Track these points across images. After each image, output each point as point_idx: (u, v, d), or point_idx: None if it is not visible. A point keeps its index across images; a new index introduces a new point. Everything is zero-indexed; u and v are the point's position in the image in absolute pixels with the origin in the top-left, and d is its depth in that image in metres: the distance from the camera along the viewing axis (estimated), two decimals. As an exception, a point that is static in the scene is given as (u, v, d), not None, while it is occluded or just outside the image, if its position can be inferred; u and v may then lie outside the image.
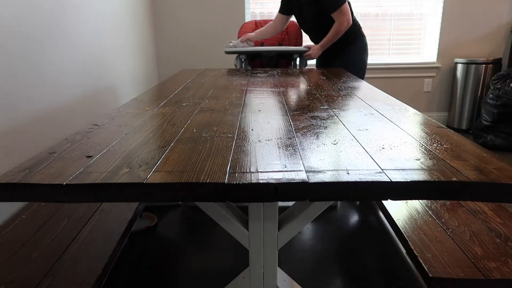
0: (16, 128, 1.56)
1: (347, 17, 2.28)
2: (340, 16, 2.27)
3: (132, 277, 1.58)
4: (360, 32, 2.44)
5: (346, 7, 2.27)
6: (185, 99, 1.45)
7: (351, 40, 2.40)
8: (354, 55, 2.43)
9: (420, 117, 1.13)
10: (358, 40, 2.42)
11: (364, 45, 2.45)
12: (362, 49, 2.45)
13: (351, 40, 2.40)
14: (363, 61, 2.47)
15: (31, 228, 1.25)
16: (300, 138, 0.93)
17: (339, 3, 2.25)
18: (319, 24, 2.37)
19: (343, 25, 2.29)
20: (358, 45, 2.43)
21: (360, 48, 2.44)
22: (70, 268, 1.04)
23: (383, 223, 1.98)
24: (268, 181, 0.67)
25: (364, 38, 2.45)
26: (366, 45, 2.46)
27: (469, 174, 0.70)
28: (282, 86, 1.74)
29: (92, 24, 2.30)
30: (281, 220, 1.07)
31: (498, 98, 3.02)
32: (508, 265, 1.04)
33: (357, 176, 0.69)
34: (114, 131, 1.01)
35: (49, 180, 0.69)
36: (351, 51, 2.42)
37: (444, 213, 1.34)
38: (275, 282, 1.08)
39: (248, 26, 2.89)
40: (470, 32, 3.52)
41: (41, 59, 1.75)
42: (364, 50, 2.45)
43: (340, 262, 1.65)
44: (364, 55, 2.46)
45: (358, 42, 2.42)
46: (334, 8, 2.26)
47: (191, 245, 1.80)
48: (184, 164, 0.75)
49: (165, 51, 3.56)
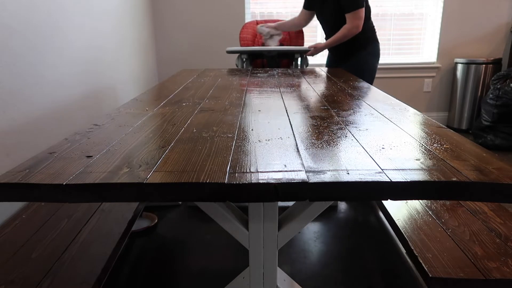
0: (16, 128, 1.56)
1: (359, 22, 2.23)
2: (353, 19, 2.23)
3: (132, 277, 1.58)
4: (374, 38, 2.39)
5: (361, 12, 2.22)
6: (185, 99, 1.45)
7: (363, 44, 2.36)
8: (363, 60, 2.39)
9: (420, 117, 1.13)
10: (369, 46, 2.37)
11: (375, 51, 2.41)
12: (373, 55, 2.40)
13: (363, 45, 2.36)
14: (372, 67, 2.42)
15: (31, 228, 1.25)
16: (300, 138, 0.93)
17: (356, 6, 2.20)
18: (337, 23, 2.33)
19: (352, 30, 2.25)
20: (369, 50, 2.38)
21: (370, 54, 2.39)
22: (70, 268, 1.04)
23: (383, 223, 1.98)
24: (268, 181, 0.67)
25: (376, 44, 2.41)
26: (377, 51, 2.42)
27: (469, 174, 0.70)
28: (282, 86, 1.74)
29: (92, 24, 2.30)
30: (281, 220, 1.07)
31: (498, 98, 3.02)
32: (508, 265, 1.04)
33: (357, 176, 0.69)
34: (114, 131, 1.01)
35: (49, 180, 0.69)
36: (361, 55, 2.38)
37: (444, 213, 1.34)
38: (275, 282, 1.08)
39: (249, 26, 2.89)
40: (470, 32, 3.52)
41: (41, 59, 1.75)
42: (374, 56, 2.41)
43: (340, 262, 1.65)
44: (374, 61, 2.42)
45: (370, 48, 2.38)
46: (351, 9, 2.22)
47: (191, 245, 1.80)
48: (184, 164, 0.75)
49: (165, 51, 3.56)
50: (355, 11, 2.21)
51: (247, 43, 2.85)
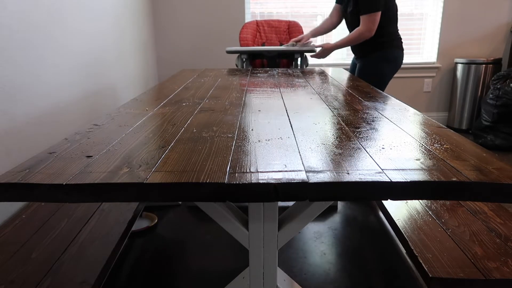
0: (16, 128, 1.56)
1: (372, 26, 2.16)
2: (366, 22, 2.16)
3: (132, 277, 1.58)
4: (392, 44, 2.28)
5: (377, 16, 2.14)
6: (185, 99, 1.45)
7: (377, 48, 2.27)
8: (374, 63, 2.30)
9: (420, 117, 1.13)
10: (386, 51, 2.28)
11: (391, 58, 2.28)
12: (387, 61, 2.29)
13: (377, 49, 2.28)
14: (383, 72, 2.31)
15: (31, 228, 1.25)
16: (300, 138, 0.93)
17: (371, 8, 2.13)
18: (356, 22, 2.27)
19: (365, 34, 2.18)
20: (384, 55, 2.28)
21: (384, 59, 2.29)
22: (70, 268, 1.04)
23: (383, 223, 1.98)
24: (268, 181, 0.67)
25: (396, 51, 2.29)
26: (394, 58, 2.29)
27: (469, 174, 0.70)
28: (282, 86, 1.74)
29: (92, 24, 2.30)
30: (281, 220, 1.07)
31: (498, 98, 3.02)
32: (508, 265, 1.04)
33: (357, 176, 0.69)
34: (114, 131, 1.01)
35: (49, 180, 0.69)
36: (373, 58, 2.30)
37: (444, 213, 1.34)
38: (275, 282, 1.08)
39: (249, 26, 2.89)
40: (470, 32, 3.52)
41: (41, 59, 1.75)
42: (389, 62, 2.29)
43: (340, 262, 1.65)
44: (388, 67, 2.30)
45: (386, 53, 2.28)
46: (366, 11, 2.15)
47: (191, 245, 1.80)
48: (184, 164, 0.75)
49: (165, 51, 3.56)
50: (370, 14, 2.14)
51: (247, 43, 2.85)
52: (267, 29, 2.95)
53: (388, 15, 2.23)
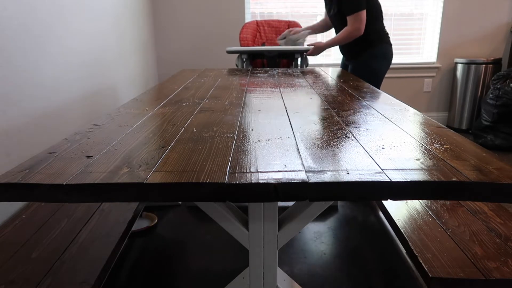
0: (16, 128, 1.56)
1: (359, 26, 2.20)
2: (353, 22, 2.20)
3: (132, 277, 1.58)
4: (381, 40, 2.32)
5: (362, 15, 2.18)
6: (185, 99, 1.45)
7: (367, 46, 2.31)
8: (367, 62, 2.34)
9: (420, 117, 1.13)
10: (376, 48, 2.31)
11: (382, 53, 2.33)
12: (380, 57, 2.33)
13: (367, 47, 2.31)
14: (377, 69, 2.35)
15: (31, 228, 1.25)
16: (300, 138, 0.93)
17: (356, 9, 2.17)
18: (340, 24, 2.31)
19: (354, 33, 2.21)
20: (375, 52, 2.31)
21: (376, 56, 2.32)
22: (70, 268, 1.04)
23: (383, 223, 1.98)
24: (268, 181, 0.67)
25: (385, 46, 2.33)
26: (385, 54, 2.34)
27: (469, 174, 0.70)
28: (282, 86, 1.74)
29: (92, 24, 2.30)
30: (281, 220, 1.07)
31: (498, 98, 3.02)
32: (508, 265, 1.04)
33: (357, 176, 0.69)
34: (114, 131, 1.01)
35: (49, 180, 0.69)
36: (365, 57, 2.33)
37: (444, 213, 1.34)
38: (275, 282, 1.08)
39: (249, 26, 2.89)
40: (470, 32, 3.52)
41: (41, 59, 1.75)
42: (381, 59, 2.33)
43: (340, 262, 1.65)
44: (381, 63, 2.34)
45: (376, 50, 2.31)
46: (350, 12, 2.19)
47: (191, 245, 1.80)
48: (184, 164, 0.75)
49: (165, 51, 3.56)
50: (355, 13, 2.18)
51: (247, 43, 2.85)
52: (267, 29, 2.95)
53: (371, 13, 2.26)
